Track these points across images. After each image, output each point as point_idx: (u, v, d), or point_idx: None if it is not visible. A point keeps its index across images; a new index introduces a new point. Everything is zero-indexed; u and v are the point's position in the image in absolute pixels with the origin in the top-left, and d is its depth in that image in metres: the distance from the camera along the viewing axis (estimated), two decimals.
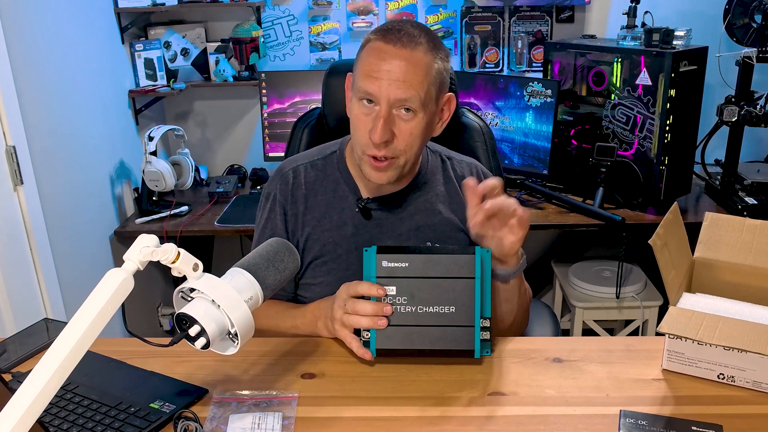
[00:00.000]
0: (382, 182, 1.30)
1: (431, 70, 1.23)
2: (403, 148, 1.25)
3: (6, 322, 1.92)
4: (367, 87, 1.21)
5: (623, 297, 2.53)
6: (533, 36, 2.84)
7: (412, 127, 1.24)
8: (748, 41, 2.39)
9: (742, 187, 2.49)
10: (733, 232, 1.30)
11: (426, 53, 1.22)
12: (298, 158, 1.44)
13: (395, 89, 1.20)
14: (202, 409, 1.08)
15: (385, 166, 1.26)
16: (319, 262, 1.38)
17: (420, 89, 1.21)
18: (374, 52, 1.22)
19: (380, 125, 1.21)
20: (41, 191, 2.06)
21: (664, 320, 1.10)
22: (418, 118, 1.23)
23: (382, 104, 1.21)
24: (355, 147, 1.30)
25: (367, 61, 1.23)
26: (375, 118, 1.22)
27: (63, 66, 2.25)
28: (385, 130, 1.21)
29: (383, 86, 1.20)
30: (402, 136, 1.24)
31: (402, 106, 1.22)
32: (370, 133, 1.22)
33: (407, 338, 1.15)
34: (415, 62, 1.21)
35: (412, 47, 1.21)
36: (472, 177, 1.25)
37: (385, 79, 1.20)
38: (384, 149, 1.24)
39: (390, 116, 1.22)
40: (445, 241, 1.38)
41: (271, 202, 1.41)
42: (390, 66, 1.20)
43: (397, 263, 1.16)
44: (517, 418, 1.04)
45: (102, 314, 0.83)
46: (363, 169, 1.30)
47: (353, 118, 1.27)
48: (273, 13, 2.85)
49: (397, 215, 1.38)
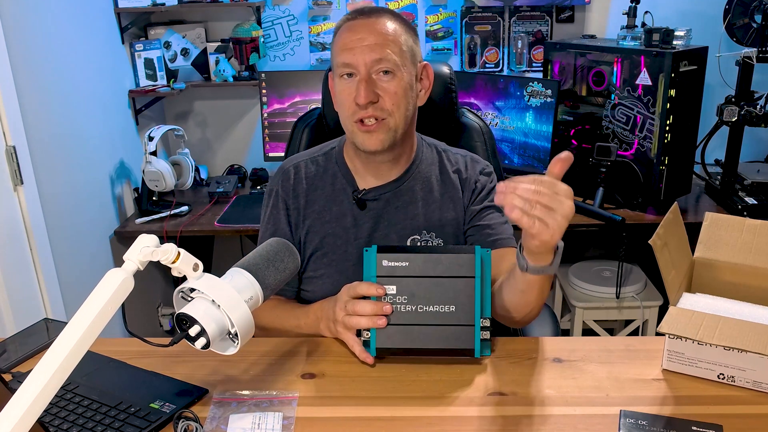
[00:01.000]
0: (376, 147, 1.31)
1: (399, 36, 1.30)
2: (390, 108, 1.29)
3: (6, 322, 1.92)
4: (344, 59, 1.28)
5: (623, 297, 2.53)
6: (533, 36, 2.84)
7: (395, 86, 1.29)
8: (748, 41, 2.39)
9: (742, 187, 2.49)
10: (733, 232, 1.30)
11: (392, 21, 1.31)
12: (299, 156, 1.48)
13: (369, 52, 1.27)
14: (202, 409, 1.08)
15: (375, 127, 1.29)
16: (319, 254, 1.40)
17: (393, 48, 1.28)
18: (345, 30, 1.31)
19: (363, 87, 1.26)
20: (41, 191, 2.06)
21: (664, 320, 1.10)
22: (398, 78, 1.29)
23: (360, 70, 1.27)
24: (345, 124, 1.33)
25: (339, 38, 1.31)
26: (357, 83, 1.27)
27: (63, 66, 2.25)
28: (368, 90, 1.26)
29: (357, 53, 1.27)
30: (387, 96, 1.28)
31: (380, 68, 1.27)
32: (355, 97, 1.27)
33: (407, 337, 1.15)
34: (383, 28, 1.29)
35: (377, 16, 1.30)
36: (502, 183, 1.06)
37: (358, 47, 1.27)
38: (371, 109, 1.28)
39: (371, 79, 1.28)
40: (440, 230, 1.39)
41: (273, 198, 1.44)
42: (361, 35, 1.28)
43: (397, 263, 1.17)
44: (517, 418, 1.04)
45: (102, 314, 0.83)
46: (356, 141, 1.32)
47: (337, 95, 1.33)
48: (273, 13, 2.85)
49: (394, 205, 1.39)
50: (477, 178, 1.43)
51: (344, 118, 1.33)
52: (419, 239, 1.39)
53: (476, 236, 1.39)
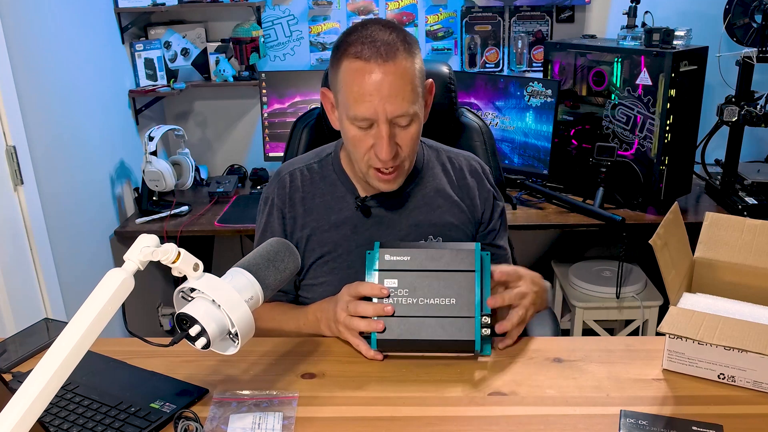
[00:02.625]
0: (392, 189, 1.32)
1: (415, 74, 1.22)
2: (407, 154, 1.27)
3: (6, 322, 1.92)
4: (361, 113, 1.20)
5: (623, 297, 2.53)
6: (533, 36, 2.84)
7: (413, 132, 1.25)
8: (748, 41, 2.39)
9: (742, 187, 2.49)
10: (734, 232, 1.30)
11: (406, 58, 1.20)
12: (295, 162, 1.45)
13: (390, 106, 1.19)
14: (203, 409, 1.08)
15: (394, 176, 1.28)
16: (320, 262, 1.38)
17: (414, 98, 1.21)
18: (357, 74, 1.19)
19: (386, 144, 1.21)
20: (41, 191, 2.06)
21: (665, 320, 1.10)
22: (416, 123, 1.25)
23: (381, 124, 1.20)
24: (357, 163, 1.30)
25: (351, 85, 1.20)
26: (376, 137, 1.22)
27: (63, 66, 2.25)
28: (391, 147, 1.22)
29: (378, 106, 1.18)
30: (405, 144, 1.25)
31: (401, 121, 1.22)
32: (377, 152, 1.23)
33: (408, 328, 1.15)
34: (401, 73, 1.19)
35: (392, 58, 1.18)
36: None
37: (376, 98, 1.18)
38: (391, 161, 1.25)
39: (392, 134, 1.22)
40: (445, 235, 1.39)
41: (269, 207, 1.42)
42: (378, 85, 1.17)
43: (399, 257, 1.19)
44: (517, 418, 1.04)
45: (102, 314, 0.83)
46: (371, 182, 1.31)
47: (350, 139, 1.26)
48: (273, 13, 2.85)
49: (397, 211, 1.39)
50: (487, 195, 1.44)
51: (357, 158, 1.28)
52: None
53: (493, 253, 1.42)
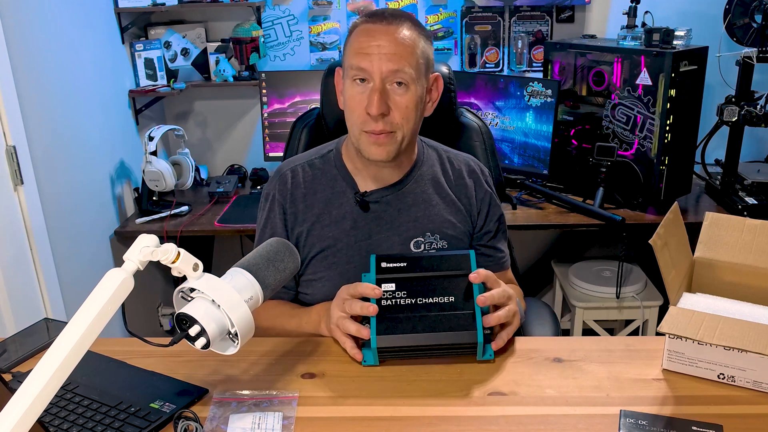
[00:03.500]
0: (381, 158, 1.32)
1: (418, 46, 1.27)
2: (400, 122, 1.28)
3: (6, 322, 1.92)
4: (359, 63, 1.25)
5: (623, 297, 2.53)
6: (533, 36, 2.84)
7: (407, 100, 1.27)
8: (748, 41, 2.38)
9: (742, 187, 2.49)
10: (734, 232, 1.30)
11: (411, 30, 1.28)
12: (296, 159, 1.46)
13: (387, 62, 1.24)
14: (202, 409, 1.08)
15: (383, 139, 1.29)
16: (319, 257, 1.39)
17: (410, 61, 1.26)
18: (363, 32, 1.28)
19: (376, 98, 1.24)
20: (41, 191, 2.06)
21: (665, 320, 1.10)
22: (411, 92, 1.27)
23: (375, 78, 1.25)
24: (352, 129, 1.32)
25: (356, 40, 1.28)
26: (370, 92, 1.26)
27: (63, 66, 2.25)
28: (381, 102, 1.25)
29: (374, 60, 1.24)
30: (398, 109, 1.27)
31: (395, 79, 1.25)
32: (367, 107, 1.26)
33: (408, 326, 1.15)
34: (402, 37, 1.26)
35: (397, 24, 1.27)
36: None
37: (375, 54, 1.24)
38: (381, 122, 1.27)
39: (384, 90, 1.26)
40: (442, 232, 1.40)
41: (270, 202, 1.43)
42: (379, 41, 1.25)
43: (395, 263, 1.22)
44: (517, 418, 1.04)
45: (102, 314, 0.83)
46: (362, 149, 1.32)
47: (347, 99, 1.30)
48: (273, 13, 2.85)
49: (395, 207, 1.39)
50: (484, 196, 1.45)
51: (351, 123, 1.32)
52: (422, 241, 1.39)
53: (489, 255, 1.45)
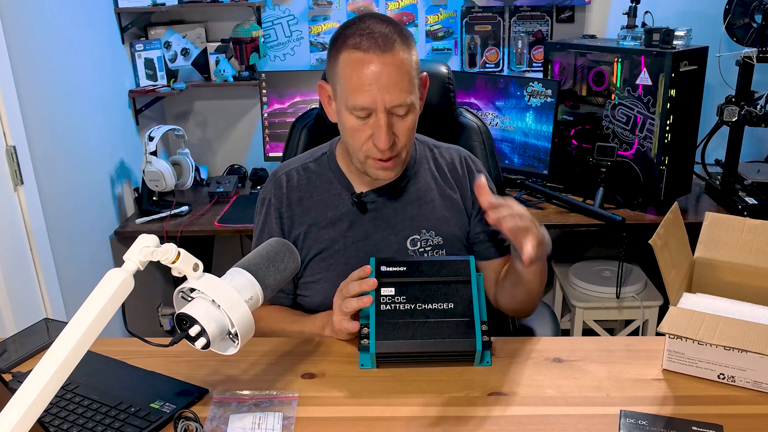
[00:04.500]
0: (389, 179, 1.35)
1: (412, 65, 1.25)
2: (404, 143, 1.29)
3: (6, 322, 1.92)
4: (360, 102, 1.22)
5: (623, 297, 2.53)
6: (533, 36, 2.84)
7: (409, 122, 1.28)
8: (748, 41, 2.38)
9: (742, 187, 2.49)
10: (734, 232, 1.30)
11: (403, 50, 1.23)
12: (291, 162, 1.47)
13: (388, 95, 1.21)
14: (203, 409, 1.08)
15: (392, 165, 1.30)
16: (317, 259, 1.40)
17: (411, 88, 1.25)
18: (356, 65, 1.22)
19: (384, 133, 1.23)
20: (41, 191, 2.06)
21: (665, 320, 1.10)
22: (412, 114, 1.28)
23: (379, 113, 1.23)
24: (355, 154, 1.31)
25: (350, 76, 1.22)
26: (375, 126, 1.24)
27: (63, 66, 2.25)
28: (389, 136, 1.24)
29: (376, 96, 1.21)
30: (402, 134, 1.27)
31: (399, 111, 1.25)
32: (375, 141, 1.25)
33: (407, 333, 1.15)
34: (399, 64, 1.22)
35: (390, 49, 1.21)
36: (480, 175, 1.26)
37: (375, 88, 1.21)
38: (389, 151, 1.27)
39: (390, 124, 1.24)
40: (439, 229, 1.40)
41: (266, 207, 1.44)
42: (377, 75, 1.20)
43: (395, 268, 1.21)
44: (517, 418, 1.04)
45: (102, 314, 0.83)
46: (368, 172, 1.33)
47: (348, 129, 1.28)
48: (273, 13, 2.85)
49: (391, 206, 1.40)
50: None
51: (354, 149, 1.30)
52: (419, 238, 1.39)
53: (490, 240, 1.43)
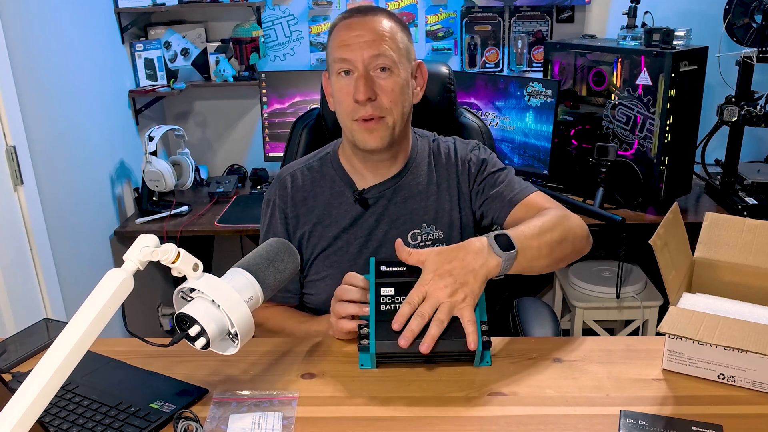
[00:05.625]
0: (376, 145, 1.33)
1: (396, 34, 1.31)
2: (388, 106, 1.30)
3: (6, 322, 1.92)
4: (341, 54, 1.29)
5: (623, 297, 2.53)
6: (533, 36, 2.84)
7: (392, 83, 1.29)
8: (748, 41, 2.38)
9: (742, 187, 2.49)
10: (733, 232, 1.30)
11: (388, 20, 1.32)
12: (295, 164, 1.49)
13: (367, 48, 1.28)
14: (202, 409, 1.08)
15: (375, 124, 1.31)
16: (322, 256, 1.41)
17: (391, 45, 1.29)
18: (342, 27, 1.32)
19: (362, 84, 1.27)
20: (41, 191, 2.06)
21: (665, 320, 1.10)
22: (395, 75, 1.30)
23: (358, 66, 1.28)
24: (344, 121, 1.34)
25: (337, 36, 1.32)
26: (356, 80, 1.28)
27: (63, 66, 2.25)
28: (367, 87, 1.27)
29: (355, 50, 1.28)
30: (384, 93, 1.29)
31: (378, 64, 1.28)
32: (354, 94, 1.28)
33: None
34: (380, 26, 1.30)
35: (373, 14, 1.32)
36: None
37: (355, 43, 1.28)
38: (370, 107, 1.29)
39: (369, 76, 1.28)
40: (440, 222, 1.40)
41: (271, 208, 1.45)
42: (358, 32, 1.29)
43: (394, 267, 1.20)
44: (517, 418, 1.04)
45: (102, 314, 0.83)
46: (356, 139, 1.33)
47: (335, 92, 1.33)
48: (273, 13, 2.85)
49: (393, 201, 1.41)
50: (468, 157, 1.44)
51: (342, 116, 1.33)
52: (419, 233, 1.39)
53: (494, 206, 1.40)
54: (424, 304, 1.09)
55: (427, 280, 1.11)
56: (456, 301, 1.09)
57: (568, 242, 1.28)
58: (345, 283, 1.22)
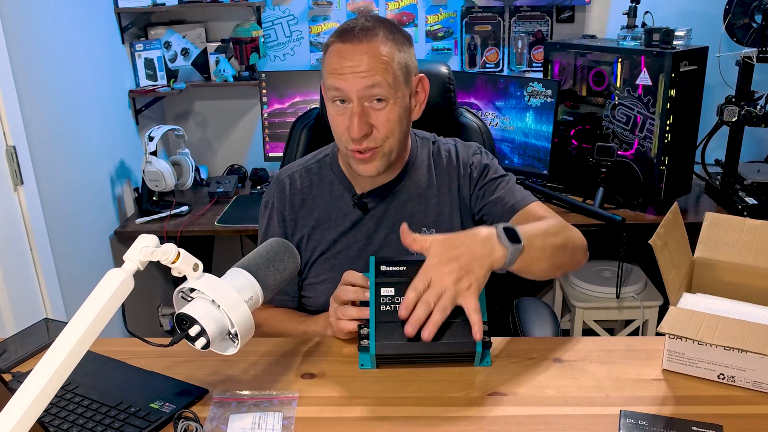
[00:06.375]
0: (371, 174, 1.32)
1: (393, 57, 1.25)
2: (384, 135, 1.28)
3: (6, 322, 1.92)
4: (335, 84, 1.25)
5: (623, 297, 2.53)
6: (533, 36, 2.84)
7: (387, 113, 1.26)
8: (748, 41, 2.39)
9: (742, 187, 2.49)
10: (733, 232, 1.30)
11: (384, 42, 1.25)
12: (293, 165, 1.48)
13: (361, 80, 1.23)
14: (202, 409, 1.08)
15: (369, 156, 1.29)
16: (321, 260, 1.40)
17: (385, 75, 1.24)
18: (335, 53, 1.26)
19: (356, 121, 1.24)
20: (41, 191, 2.07)
21: (665, 320, 1.10)
22: (390, 105, 1.26)
23: (353, 99, 1.24)
24: (339, 146, 1.33)
25: (330, 62, 1.26)
26: (350, 115, 1.25)
27: (63, 66, 2.25)
28: (361, 124, 1.24)
29: (349, 81, 1.23)
30: (380, 125, 1.27)
31: (372, 96, 1.25)
32: (348, 129, 1.25)
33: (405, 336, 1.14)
34: (375, 52, 1.24)
35: (368, 40, 1.24)
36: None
37: (349, 74, 1.23)
38: (365, 141, 1.27)
39: (363, 110, 1.25)
40: (439, 225, 1.40)
41: (269, 211, 1.44)
42: (352, 62, 1.23)
43: (394, 267, 1.19)
44: (517, 418, 1.04)
45: (102, 314, 0.83)
46: (352, 165, 1.33)
47: (331, 120, 1.31)
48: (273, 13, 2.85)
49: (392, 205, 1.40)
50: (470, 161, 1.42)
51: (337, 140, 1.33)
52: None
53: (494, 211, 1.38)
54: (429, 291, 1.07)
55: (431, 266, 1.08)
56: (461, 288, 1.07)
57: (568, 250, 1.27)
58: (344, 283, 1.21)
